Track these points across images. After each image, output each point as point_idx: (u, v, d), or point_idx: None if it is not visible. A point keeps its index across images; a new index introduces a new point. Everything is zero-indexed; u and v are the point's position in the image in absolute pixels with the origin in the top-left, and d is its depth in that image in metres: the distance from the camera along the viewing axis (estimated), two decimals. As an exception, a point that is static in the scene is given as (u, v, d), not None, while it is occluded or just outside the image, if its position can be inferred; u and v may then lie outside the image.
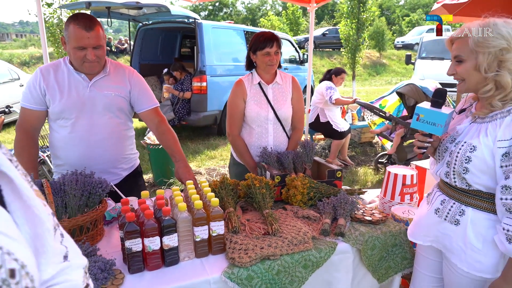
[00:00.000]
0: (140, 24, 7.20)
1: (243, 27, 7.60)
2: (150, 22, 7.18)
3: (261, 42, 2.07)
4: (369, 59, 20.85)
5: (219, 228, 1.37)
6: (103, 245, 1.45)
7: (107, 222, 1.65)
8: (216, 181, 1.74)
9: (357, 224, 1.64)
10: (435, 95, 1.37)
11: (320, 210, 1.70)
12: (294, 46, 8.84)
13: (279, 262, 1.36)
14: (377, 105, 5.07)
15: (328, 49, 21.45)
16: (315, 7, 3.97)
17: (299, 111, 2.30)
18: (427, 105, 1.37)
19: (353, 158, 5.61)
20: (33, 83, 1.81)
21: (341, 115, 5.27)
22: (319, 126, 5.02)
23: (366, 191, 2.05)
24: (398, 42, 24.91)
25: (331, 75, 4.99)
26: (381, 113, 4.46)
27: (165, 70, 6.72)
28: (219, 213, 1.36)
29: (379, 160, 5.04)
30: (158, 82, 7.31)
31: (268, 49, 2.07)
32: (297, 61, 8.90)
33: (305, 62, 8.76)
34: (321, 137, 5.76)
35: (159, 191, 1.45)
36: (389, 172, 1.86)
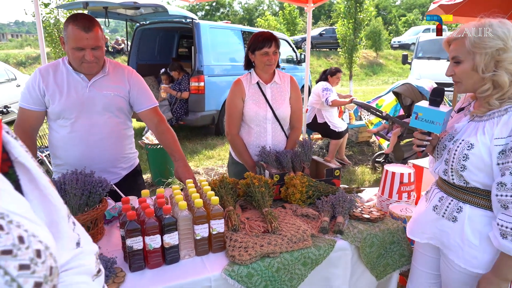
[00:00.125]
0: (137, 24, 7.20)
1: (241, 27, 7.61)
2: (147, 22, 7.17)
3: (260, 42, 2.09)
4: (366, 59, 20.92)
5: (219, 226, 1.38)
6: (103, 244, 1.46)
7: (107, 221, 1.66)
8: (215, 180, 1.75)
9: (356, 222, 1.66)
10: (433, 94, 1.39)
11: (318, 208, 1.72)
12: (291, 46, 8.86)
13: (279, 259, 1.37)
14: (374, 105, 5.10)
15: (325, 49, 21.50)
16: (313, 7, 3.99)
17: (297, 111, 2.32)
18: (425, 104, 1.39)
19: (350, 157, 5.64)
20: (32, 84, 1.82)
21: (338, 115, 5.29)
22: (317, 126, 5.04)
23: (364, 190, 2.07)
24: (394, 42, 25.02)
25: (326, 75, 5.00)
26: (378, 113, 4.49)
27: (162, 70, 6.72)
28: (219, 211, 1.38)
29: (376, 159, 5.07)
30: (155, 82, 7.30)
31: (266, 49, 2.08)
32: (294, 61, 8.92)
33: (302, 62, 8.78)
34: (318, 136, 5.78)
35: (159, 190, 1.46)
36: (387, 170, 1.87)
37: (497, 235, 1.18)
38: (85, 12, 5.57)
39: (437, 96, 1.38)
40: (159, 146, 4.14)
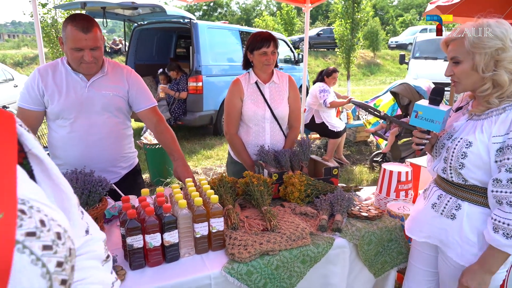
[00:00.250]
0: (135, 24, 7.19)
1: (239, 27, 7.62)
2: (145, 22, 7.17)
3: (258, 41, 2.10)
4: (363, 59, 20.97)
5: (218, 224, 1.40)
6: (103, 243, 1.47)
7: (107, 220, 1.66)
8: (214, 179, 1.76)
9: (354, 220, 1.68)
10: (433, 93, 1.40)
11: (317, 206, 1.73)
12: (289, 46, 8.88)
13: (278, 257, 1.38)
14: (372, 105, 5.12)
15: (322, 49, 21.54)
16: (310, 7, 3.99)
17: (295, 110, 2.33)
18: (425, 103, 1.41)
19: (348, 157, 5.66)
20: (31, 84, 1.82)
21: (336, 114, 5.31)
22: (315, 126, 5.06)
23: (362, 188, 2.09)
24: (392, 42, 25.09)
25: (323, 76, 4.99)
26: (375, 112, 4.51)
27: (160, 70, 6.72)
28: (219, 209, 1.39)
29: (374, 158, 5.09)
30: (153, 82, 7.30)
31: (265, 48, 2.10)
32: (292, 61, 8.94)
33: (300, 62, 8.80)
34: (316, 136, 5.80)
35: (159, 189, 1.47)
36: (385, 169, 1.89)
37: (490, 229, 1.20)
38: (83, 12, 5.57)
39: (437, 95, 1.39)
40: (158, 146, 4.15)
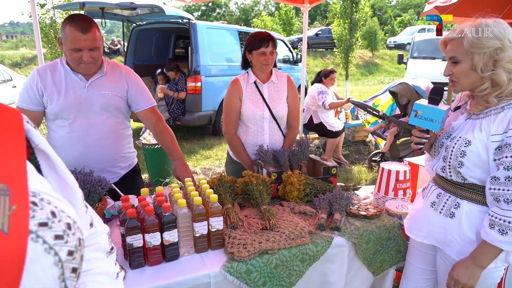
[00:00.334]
0: (134, 24, 7.20)
1: (237, 28, 7.63)
2: (144, 22, 7.17)
3: (257, 41, 2.11)
4: (362, 59, 21.00)
5: (218, 223, 1.40)
6: (103, 242, 1.47)
7: (107, 220, 1.67)
8: (214, 179, 1.77)
9: (352, 218, 1.69)
10: (433, 92, 1.41)
11: (316, 205, 1.74)
12: (287, 46, 8.89)
13: (277, 256, 1.39)
14: (371, 104, 5.13)
15: (321, 49, 21.56)
16: (309, 8, 4.00)
17: (294, 110, 2.34)
18: (425, 102, 1.41)
19: (347, 156, 5.67)
20: (30, 84, 1.82)
21: (334, 114, 5.32)
22: (313, 126, 5.06)
23: (360, 187, 2.09)
24: (390, 42, 25.13)
25: (321, 77, 4.98)
26: (374, 112, 4.53)
27: (159, 70, 6.72)
28: (218, 208, 1.39)
29: (373, 158, 5.11)
30: (152, 82, 7.31)
31: (263, 48, 2.10)
32: (291, 61, 8.95)
33: (299, 62, 8.82)
34: (315, 136, 5.81)
35: (159, 188, 1.48)
36: (383, 168, 1.90)
37: (486, 225, 1.22)
38: (82, 12, 5.57)
39: (436, 94, 1.40)
40: (157, 146, 4.15)
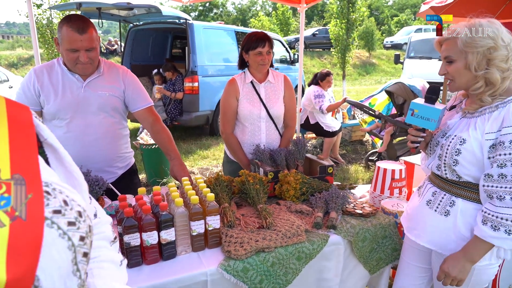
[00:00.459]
0: (131, 25, 7.19)
1: (234, 28, 7.64)
2: (140, 23, 7.17)
3: (254, 41, 2.12)
4: (359, 59, 21.05)
5: (215, 222, 1.41)
6: (100, 242, 1.48)
7: (104, 219, 1.67)
8: (210, 178, 1.78)
9: (348, 217, 1.70)
10: (429, 92, 1.43)
11: (312, 204, 1.75)
12: (284, 46, 8.90)
13: (274, 254, 1.40)
14: (367, 104, 5.15)
15: (318, 49, 21.59)
16: (305, 8, 4.02)
17: (291, 109, 2.35)
18: (421, 101, 1.43)
19: (344, 156, 5.69)
20: (27, 84, 1.83)
21: (331, 114, 5.33)
22: (310, 126, 5.09)
23: (356, 186, 2.11)
24: (387, 42, 25.21)
25: (317, 80, 4.98)
26: (370, 112, 4.55)
27: (155, 70, 6.72)
28: (215, 207, 1.40)
29: (370, 157, 5.13)
30: (149, 83, 7.30)
31: (260, 48, 2.11)
32: (288, 61, 8.97)
33: (296, 62, 8.84)
34: (312, 135, 5.83)
35: (156, 187, 1.49)
36: (379, 167, 1.91)
37: (478, 221, 1.23)
38: (78, 12, 5.56)
39: (433, 93, 1.42)
40: (154, 146, 4.15)
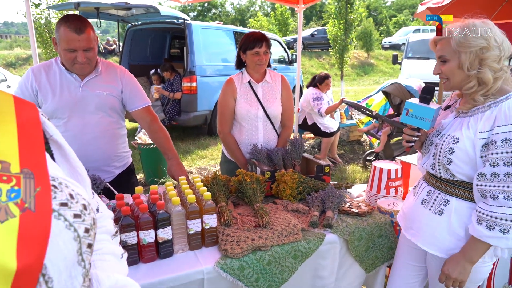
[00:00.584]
0: (129, 24, 7.19)
1: (232, 28, 7.65)
2: (139, 23, 7.17)
3: (251, 42, 2.13)
4: (357, 59, 21.09)
5: (211, 221, 1.42)
6: (98, 240, 1.49)
7: (101, 218, 1.68)
8: (208, 177, 1.79)
9: (345, 216, 1.71)
10: (424, 91, 1.44)
11: (309, 203, 1.76)
12: (283, 46, 8.92)
13: (270, 252, 1.41)
14: (364, 104, 5.17)
15: (316, 50, 21.62)
16: (303, 8, 4.03)
17: (288, 109, 2.36)
18: (416, 101, 1.45)
19: (341, 156, 5.71)
20: (25, 83, 1.83)
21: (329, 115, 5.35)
22: (308, 127, 5.10)
23: (352, 185, 2.12)
24: (385, 42, 25.26)
25: (316, 83, 4.98)
26: (367, 112, 4.57)
27: (153, 70, 6.72)
28: (212, 206, 1.41)
29: (367, 157, 5.15)
30: (147, 82, 7.30)
31: (257, 48, 2.12)
32: (286, 61, 8.98)
33: (294, 62, 8.85)
34: (310, 135, 5.85)
35: (153, 186, 1.50)
36: (375, 166, 1.93)
37: (474, 221, 1.25)
38: (77, 12, 5.56)
39: (427, 93, 1.43)
40: (152, 146, 4.16)
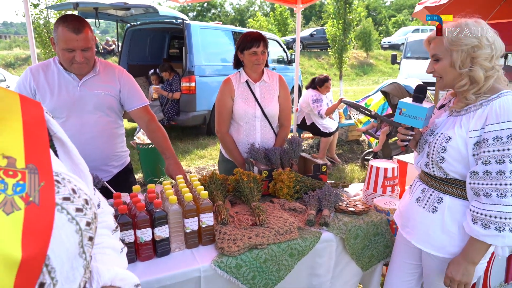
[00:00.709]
0: (128, 25, 7.20)
1: (231, 28, 7.65)
2: (138, 23, 7.18)
3: (248, 41, 2.14)
4: (356, 59, 21.10)
5: (208, 219, 1.43)
6: (95, 239, 1.49)
7: (99, 217, 1.69)
8: (205, 176, 1.80)
9: (341, 214, 1.72)
10: (416, 91, 1.46)
11: (305, 202, 1.77)
12: (282, 46, 8.92)
13: (266, 251, 1.42)
14: (363, 104, 5.19)
15: (316, 50, 21.63)
16: (301, 8, 4.04)
17: (286, 109, 2.37)
18: (409, 100, 1.46)
19: (340, 155, 5.72)
20: (23, 83, 1.84)
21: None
22: (307, 127, 5.11)
23: (349, 184, 2.13)
24: (384, 42, 25.27)
25: (315, 85, 4.98)
26: (366, 112, 4.58)
27: (152, 71, 6.72)
28: (209, 205, 1.42)
29: (366, 157, 5.16)
30: (146, 82, 7.31)
31: (255, 48, 2.13)
32: (285, 61, 8.99)
33: (293, 62, 8.86)
34: (309, 135, 5.85)
35: (150, 185, 1.50)
36: (372, 165, 1.94)
37: (469, 221, 1.25)
38: (75, 13, 5.57)
39: (420, 92, 1.45)
40: (151, 146, 4.17)
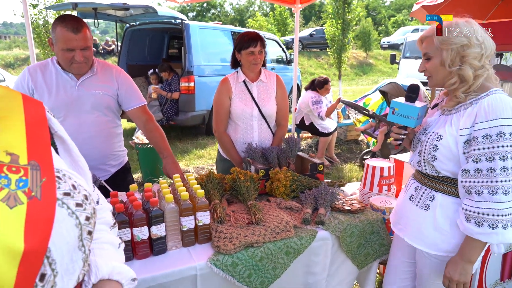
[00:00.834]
0: (127, 25, 7.21)
1: (230, 28, 7.67)
2: (137, 23, 7.19)
3: (246, 41, 2.15)
4: (356, 59, 21.11)
5: (204, 218, 1.44)
6: (93, 238, 1.51)
7: (97, 216, 1.70)
8: (202, 176, 1.81)
9: (337, 213, 1.73)
10: (409, 91, 1.48)
11: (302, 201, 1.78)
12: (281, 46, 8.93)
13: (262, 249, 1.43)
14: (361, 104, 5.20)
15: (315, 50, 21.64)
16: (300, 8, 4.05)
17: (283, 108, 2.38)
18: (401, 100, 1.48)
19: (339, 155, 5.73)
20: (21, 83, 1.85)
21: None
22: (305, 127, 5.12)
23: (345, 183, 2.14)
24: (384, 42, 25.28)
25: (315, 87, 4.98)
26: (364, 111, 4.59)
27: (151, 70, 6.73)
28: (205, 203, 1.43)
29: (364, 157, 5.17)
30: (146, 82, 7.32)
31: (252, 48, 2.14)
32: (284, 61, 8.99)
33: (292, 62, 8.86)
34: (308, 135, 5.86)
35: (147, 184, 1.52)
36: (368, 164, 1.95)
37: (462, 219, 1.27)
38: (74, 13, 5.58)
39: (412, 92, 1.46)
40: (149, 145, 4.18)
